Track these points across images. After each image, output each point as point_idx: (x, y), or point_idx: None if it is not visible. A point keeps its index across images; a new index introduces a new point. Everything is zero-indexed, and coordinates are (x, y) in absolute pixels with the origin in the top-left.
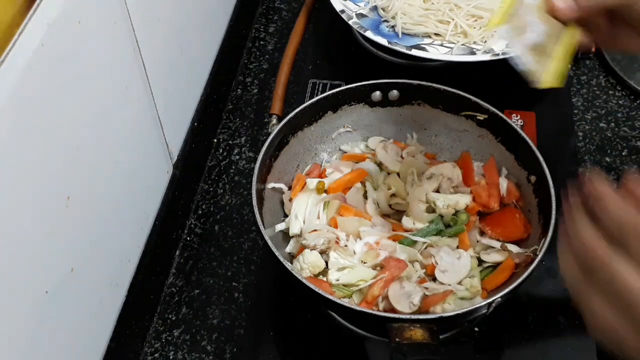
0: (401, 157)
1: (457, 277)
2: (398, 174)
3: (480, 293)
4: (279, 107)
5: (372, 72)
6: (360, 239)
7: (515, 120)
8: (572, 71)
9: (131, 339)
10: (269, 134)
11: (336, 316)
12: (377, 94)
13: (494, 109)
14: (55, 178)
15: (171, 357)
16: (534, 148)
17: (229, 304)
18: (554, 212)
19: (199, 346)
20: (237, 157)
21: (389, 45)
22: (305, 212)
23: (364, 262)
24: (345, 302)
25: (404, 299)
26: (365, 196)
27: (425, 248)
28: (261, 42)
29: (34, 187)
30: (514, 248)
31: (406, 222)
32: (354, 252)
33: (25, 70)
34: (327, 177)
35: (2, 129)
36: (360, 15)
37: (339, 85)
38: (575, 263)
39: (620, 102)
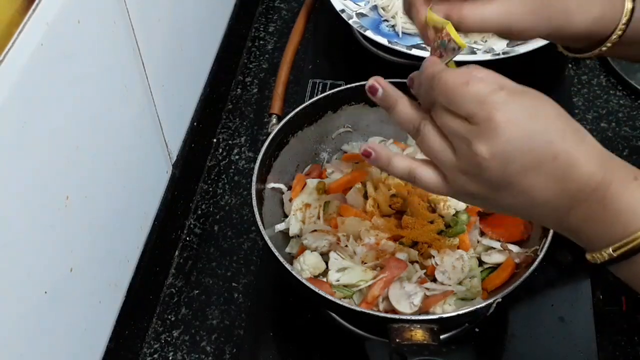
0: None
1: (458, 278)
2: None
3: (481, 293)
4: (279, 107)
5: (372, 72)
6: (361, 239)
7: None
8: (573, 71)
9: (130, 340)
10: (269, 133)
11: (336, 317)
12: None
13: None
14: (55, 178)
15: (170, 358)
16: None
17: (229, 304)
18: None
19: (198, 347)
20: (237, 157)
21: (389, 45)
22: (305, 212)
23: (364, 263)
24: (345, 302)
25: (404, 299)
26: (365, 196)
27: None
28: (261, 42)
29: (33, 187)
30: (514, 248)
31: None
32: (354, 253)
33: (24, 70)
34: (327, 177)
35: (1, 128)
36: (361, 15)
37: (339, 85)
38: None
39: (621, 101)
